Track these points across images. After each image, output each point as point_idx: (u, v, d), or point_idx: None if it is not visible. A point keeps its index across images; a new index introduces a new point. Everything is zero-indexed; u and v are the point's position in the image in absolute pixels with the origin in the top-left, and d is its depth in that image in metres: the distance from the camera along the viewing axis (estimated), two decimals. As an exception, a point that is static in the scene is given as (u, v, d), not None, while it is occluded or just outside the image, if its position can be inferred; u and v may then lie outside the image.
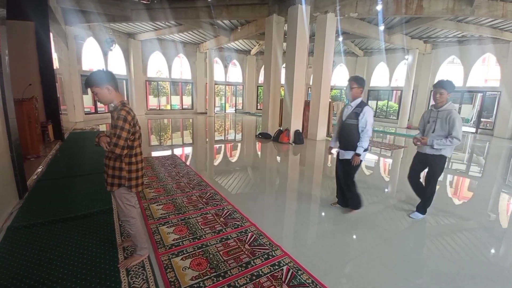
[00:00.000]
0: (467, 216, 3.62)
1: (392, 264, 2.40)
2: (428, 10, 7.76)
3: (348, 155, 3.16)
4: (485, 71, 16.42)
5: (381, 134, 11.30)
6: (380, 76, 16.54)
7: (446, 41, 12.71)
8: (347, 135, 3.15)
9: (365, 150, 3.12)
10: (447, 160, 3.11)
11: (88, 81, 1.91)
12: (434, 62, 13.62)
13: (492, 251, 2.74)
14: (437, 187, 3.34)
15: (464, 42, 12.30)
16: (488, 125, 12.91)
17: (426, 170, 3.28)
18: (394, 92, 16.82)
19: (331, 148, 3.50)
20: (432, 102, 3.26)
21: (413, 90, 13.75)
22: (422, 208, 3.35)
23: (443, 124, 2.96)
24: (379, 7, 7.72)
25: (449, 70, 14.79)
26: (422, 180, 3.44)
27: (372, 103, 17.38)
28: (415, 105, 14.29)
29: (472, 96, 15.35)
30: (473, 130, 13.00)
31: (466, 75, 12.68)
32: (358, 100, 3.14)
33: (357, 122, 3.04)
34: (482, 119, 13.07)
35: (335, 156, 3.44)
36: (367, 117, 3.02)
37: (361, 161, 3.14)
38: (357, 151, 3.06)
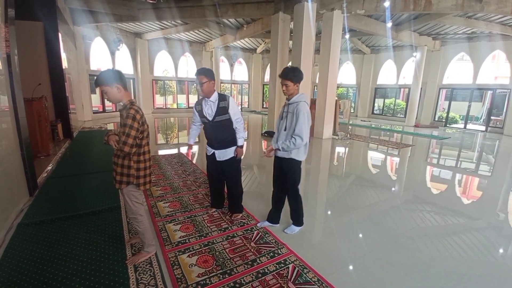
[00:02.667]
0: (475, 215, 3.57)
1: (399, 263, 2.39)
2: (437, 6, 7.62)
3: (229, 153, 2.86)
4: (495, 68, 16.09)
5: (388, 133, 11.18)
6: (387, 74, 16.35)
7: (455, 37, 12.49)
8: (221, 133, 2.79)
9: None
10: (301, 164, 2.68)
11: (98, 80, 1.94)
12: (443, 59, 13.39)
13: (501, 251, 2.70)
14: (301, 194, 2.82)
15: (474, 38, 12.07)
16: (498, 123, 12.67)
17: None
18: (402, 90, 16.60)
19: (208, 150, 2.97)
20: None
21: (421, 88, 13.55)
22: (297, 220, 2.83)
23: (292, 120, 2.49)
24: (386, 4, 7.61)
25: (459, 67, 14.55)
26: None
27: (379, 101, 17.22)
28: (423, 103, 14.09)
29: (482, 94, 15.09)
30: (483, 128, 12.79)
31: (475, 73, 12.45)
32: (216, 94, 2.75)
33: (229, 116, 2.75)
34: (492, 117, 12.83)
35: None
36: (234, 107, 2.77)
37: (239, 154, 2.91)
38: (239, 144, 2.83)
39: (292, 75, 2.51)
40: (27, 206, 3.22)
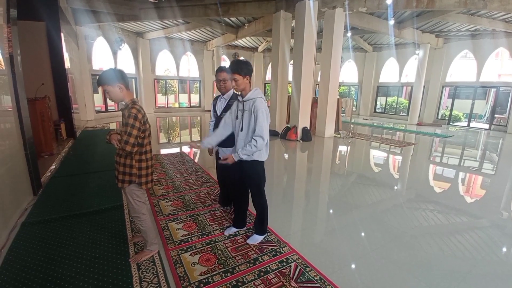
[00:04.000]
0: (479, 214, 3.55)
1: (402, 262, 2.38)
2: (440, 3, 7.57)
3: (228, 152, 2.75)
4: (499, 66, 15.97)
5: (390, 131, 11.13)
6: (389, 72, 16.27)
7: (458, 35, 12.39)
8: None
9: None
10: (264, 164, 2.50)
11: (100, 80, 1.95)
12: (446, 56, 13.28)
13: (504, 249, 2.69)
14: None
15: (477, 36, 11.97)
16: (501, 121, 12.58)
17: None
18: (404, 88, 16.52)
19: (210, 148, 2.97)
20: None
21: (424, 86, 13.47)
22: (259, 228, 2.63)
23: (250, 119, 2.31)
24: (389, 1, 7.55)
25: (462, 64, 14.45)
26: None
27: (381, 99, 17.14)
28: (426, 101, 14.01)
29: (486, 92, 14.99)
30: (487, 126, 12.70)
31: (479, 70, 12.35)
32: (231, 92, 2.83)
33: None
34: (495, 115, 12.74)
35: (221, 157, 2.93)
36: None
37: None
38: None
39: (238, 67, 2.29)
40: (31, 205, 3.25)
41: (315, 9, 7.71)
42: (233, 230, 2.76)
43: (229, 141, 2.76)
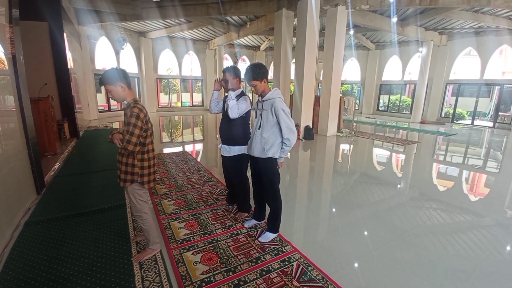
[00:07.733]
0: (483, 213, 3.52)
1: (404, 261, 2.37)
2: (443, 0, 7.51)
3: (232, 151, 2.88)
4: (503, 63, 15.79)
5: (393, 129, 11.07)
6: (392, 70, 16.17)
7: (462, 32, 12.28)
8: (227, 128, 2.88)
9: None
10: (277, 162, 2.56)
11: (102, 79, 1.95)
12: (449, 54, 13.17)
13: (508, 248, 2.66)
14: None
15: (481, 33, 11.85)
16: (506, 119, 12.45)
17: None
18: (408, 86, 16.42)
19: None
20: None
21: (427, 84, 13.37)
22: (272, 226, 2.65)
23: (269, 117, 2.44)
24: (391, -1, 7.52)
25: (466, 62, 14.32)
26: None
27: (384, 98, 17.05)
28: (430, 99, 13.92)
29: (489, 89, 14.85)
30: (491, 124, 12.59)
31: (483, 68, 12.25)
32: (238, 91, 2.89)
33: None
34: (499, 113, 12.62)
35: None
36: (241, 106, 2.76)
37: (246, 155, 2.84)
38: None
39: (254, 74, 2.41)
40: (34, 205, 3.27)
41: (317, 7, 7.67)
42: (253, 222, 2.88)
43: (231, 139, 2.85)
